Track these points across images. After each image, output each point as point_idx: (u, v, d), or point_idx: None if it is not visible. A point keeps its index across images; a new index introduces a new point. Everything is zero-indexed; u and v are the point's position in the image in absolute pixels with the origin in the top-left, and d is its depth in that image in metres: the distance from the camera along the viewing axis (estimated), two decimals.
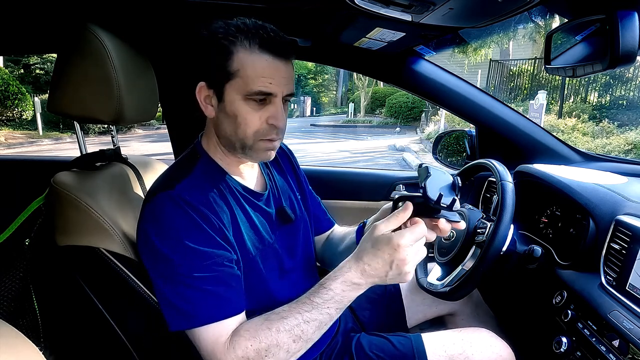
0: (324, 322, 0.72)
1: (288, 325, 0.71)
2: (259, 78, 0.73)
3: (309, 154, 8.75)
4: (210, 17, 0.77)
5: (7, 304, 0.87)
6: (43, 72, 12.28)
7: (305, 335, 0.71)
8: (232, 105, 0.75)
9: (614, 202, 0.90)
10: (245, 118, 0.75)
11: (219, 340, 0.71)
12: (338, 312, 0.73)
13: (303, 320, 0.71)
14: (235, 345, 0.70)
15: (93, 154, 0.99)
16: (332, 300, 0.72)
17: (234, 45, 0.72)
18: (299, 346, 0.71)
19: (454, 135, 1.61)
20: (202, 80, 0.78)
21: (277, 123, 0.76)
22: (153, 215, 0.74)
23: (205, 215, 0.74)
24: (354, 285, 0.72)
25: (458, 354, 0.87)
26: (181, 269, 0.71)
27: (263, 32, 0.73)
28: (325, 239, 1.10)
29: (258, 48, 0.73)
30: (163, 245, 0.71)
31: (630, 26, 0.66)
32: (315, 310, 0.72)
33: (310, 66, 21.86)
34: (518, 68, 10.80)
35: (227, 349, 0.70)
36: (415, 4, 0.81)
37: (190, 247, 0.71)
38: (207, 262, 0.72)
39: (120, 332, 0.85)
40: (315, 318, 0.71)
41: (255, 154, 0.80)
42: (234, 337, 0.71)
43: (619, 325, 0.72)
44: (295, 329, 0.70)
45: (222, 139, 0.81)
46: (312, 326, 0.71)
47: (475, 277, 0.84)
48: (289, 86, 0.77)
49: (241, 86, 0.73)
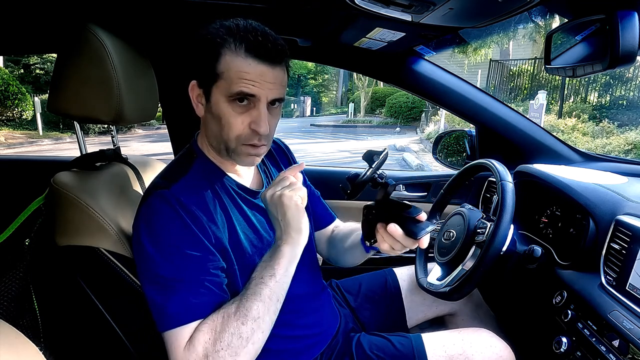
0: (265, 295, 0.72)
1: (232, 309, 0.70)
2: (242, 80, 0.72)
3: (309, 154, 8.75)
4: (210, 17, 0.77)
5: (7, 304, 0.87)
6: (43, 72, 12.28)
7: (250, 312, 0.70)
8: (217, 107, 0.75)
9: (614, 202, 0.90)
10: (228, 121, 0.75)
11: (180, 345, 0.69)
12: (274, 280, 0.73)
13: (244, 298, 0.71)
14: (195, 341, 0.68)
15: (93, 154, 0.99)
16: (261, 269, 0.75)
17: (222, 47, 0.72)
18: (249, 328, 0.69)
19: (454, 135, 1.61)
20: (194, 79, 0.78)
21: (258, 128, 0.75)
22: (146, 215, 0.74)
23: (198, 218, 0.74)
24: (276, 252, 0.75)
25: (458, 354, 0.87)
26: (163, 270, 0.71)
27: (251, 36, 0.72)
28: (329, 234, 1.10)
29: (244, 51, 0.72)
30: (150, 244, 0.71)
31: (630, 26, 0.66)
32: (252, 284, 0.73)
33: (310, 66, 21.87)
34: (518, 68, 10.80)
35: (187, 351, 0.68)
36: (415, 4, 0.81)
37: (176, 249, 0.71)
38: (190, 265, 0.71)
39: (120, 332, 0.85)
40: (253, 292, 0.72)
41: (238, 158, 0.80)
42: (194, 334, 0.70)
43: (619, 325, 0.72)
44: (241, 310, 0.70)
45: (210, 139, 0.82)
46: (254, 301, 0.71)
47: (475, 277, 0.84)
48: (275, 91, 0.75)
49: (225, 87, 0.73)
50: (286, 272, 0.75)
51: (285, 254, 0.75)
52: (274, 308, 0.73)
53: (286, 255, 0.75)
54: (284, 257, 0.75)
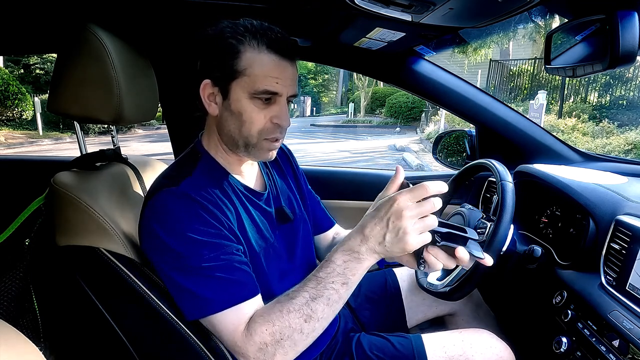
0: (332, 299, 0.70)
1: (297, 305, 0.70)
2: (267, 77, 0.74)
3: (309, 154, 8.75)
4: (210, 17, 0.77)
5: (7, 304, 0.87)
6: (43, 72, 12.28)
7: (316, 313, 0.69)
8: (237, 103, 0.76)
9: (614, 202, 0.90)
10: (250, 116, 0.76)
11: (238, 329, 0.71)
12: (345, 288, 0.70)
13: (310, 297, 0.70)
14: (252, 331, 0.70)
15: (93, 154, 0.99)
16: (334, 273, 0.70)
17: (242, 44, 0.73)
18: (311, 326, 0.70)
19: (454, 135, 1.61)
20: (206, 78, 0.78)
21: (281, 122, 0.77)
22: (157, 212, 0.74)
23: (209, 210, 0.74)
24: (354, 254, 0.69)
25: (458, 355, 0.87)
26: (190, 261, 0.71)
27: (271, 33, 0.74)
28: (330, 240, 1.10)
29: (266, 48, 0.74)
30: (170, 239, 0.71)
31: (630, 26, 0.66)
32: (320, 285, 0.70)
33: (310, 66, 21.84)
34: (518, 68, 10.80)
35: (245, 337, 0.70)
36: (415, 4, 0.81)
37: (196, 239, 0.71)
38: (214, 252, 0.72)
39: (120, 332, 0.85)
40: (322, 294, 0.70)
41: (257, 153, 0.81)
42: (250, 323, 0.71)
43: (619, 325, 0.72)
44: (305, 308, 0.70)
45: (224, 137, 0.81)
46: (320, 303, 0.70)
47: (475, 277, 0.84)
48: (293, 87, 0.78)
49: (248, 84, 0.74)
50: (357, 282, 0.72)
51: (365, 266, 0.70)
52: (337, 308, 0.72)
53: (365, 267, 0.70)
54: (363, 268, 0.70)
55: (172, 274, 0.73)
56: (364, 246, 0.68)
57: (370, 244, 0.68)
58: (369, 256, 0.69)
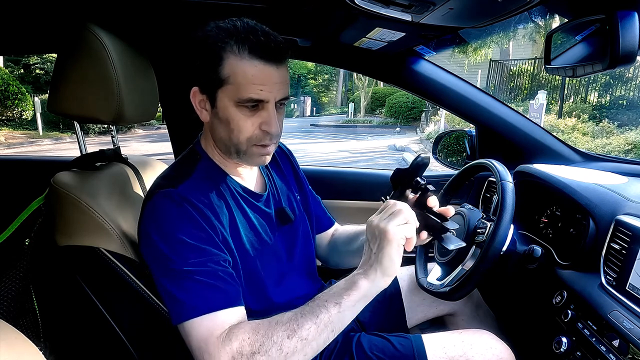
0: (321, 319, 0.68)
1: (286, 318, 0.69)
2: (250, 85, 0.71)
3: (309, 154, 8.75)
4: (210, 17, 0.77)
5: (7, 304, 0.87)
6: (43, 72, 12.28)
7: (301, 330, 0.66)
8: (224, 112, 0.75)
9: (614, 202, 0.90)
10: (238, 124, 0.75)
11: (213, 334, 0.67)
12: (337, 309, 0.68)
13: (300, 313, 0.69)
14: (233, 337, 0.67)
15: (93, 154, 0.99)
16: (330, 293, 0.71)
17: (224, 51, 0.71)
18: (292, 345, 0.66)
19: (454, 135, 1.61)
20: (195, 84, 0.77)
21: (269, 129, 0.75)
22: (153, 214, 0.74)
23: (206, 215, 0.74)
24: (352, 283, 0.70)
25: (458, 355, 0.87)
26: (175, 264, 0.70)
27: (253, 37, 0.71)
28: (329, 238, 1.10)
29: (248, 53, 0.71)
30: (161, 242, 0.71)
31: (630, 26, 0.66)
32: (314, 303, 0.70)
33: (310, 66, 21.85)
34: (518, 68, 10.80)
35: (221, 342, 0.66)
36: (415, 4, 0.81)
37: (186, 242, 0.71)
38: (202, 258, 0.71)
39: (120, 331, 0.85)
40: (312, 311, 0.68)
41: (249, 159, 0.80)
42: (233, 329, 0.68)
43: (619, 325, 0.72)
44: (291, 323, 0.68)
45: (217, 143, 0.81)
46: (308, 320, 0.67)
47: (475, 277, 0.84)
48: (282, 91, 0.75)
49: (232, 93, 0.73)
50: (353, 307, 0.70)
51: (361, 288, 0.69)
52: (325, 336, 0.69)
53: (361, 290, 0.69)
54: (358, 291, 0.69)
55: (160, 278, 0.72)
56: (362, 272, 0.71)
57: (363, 269, 0.71)
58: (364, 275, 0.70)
